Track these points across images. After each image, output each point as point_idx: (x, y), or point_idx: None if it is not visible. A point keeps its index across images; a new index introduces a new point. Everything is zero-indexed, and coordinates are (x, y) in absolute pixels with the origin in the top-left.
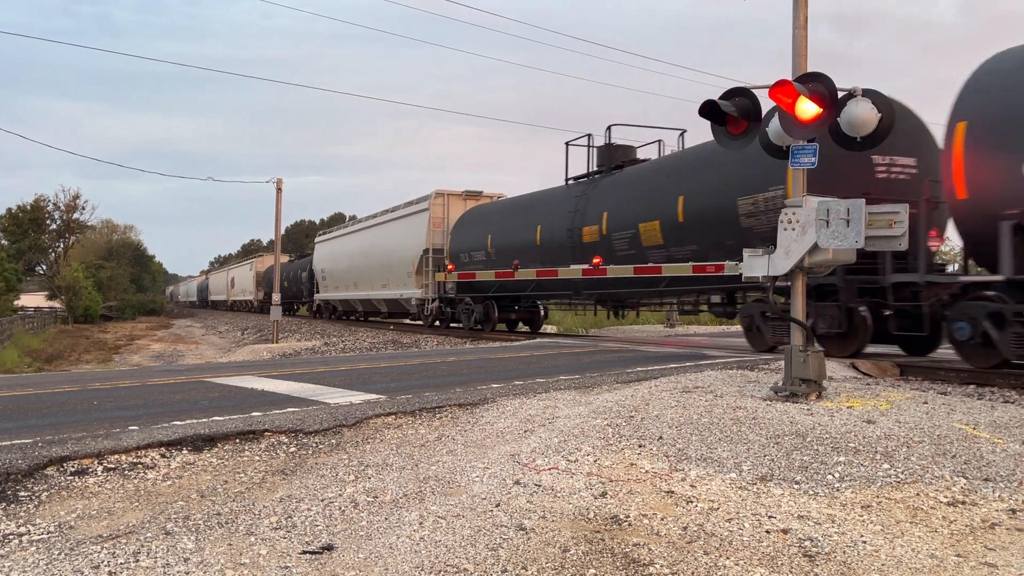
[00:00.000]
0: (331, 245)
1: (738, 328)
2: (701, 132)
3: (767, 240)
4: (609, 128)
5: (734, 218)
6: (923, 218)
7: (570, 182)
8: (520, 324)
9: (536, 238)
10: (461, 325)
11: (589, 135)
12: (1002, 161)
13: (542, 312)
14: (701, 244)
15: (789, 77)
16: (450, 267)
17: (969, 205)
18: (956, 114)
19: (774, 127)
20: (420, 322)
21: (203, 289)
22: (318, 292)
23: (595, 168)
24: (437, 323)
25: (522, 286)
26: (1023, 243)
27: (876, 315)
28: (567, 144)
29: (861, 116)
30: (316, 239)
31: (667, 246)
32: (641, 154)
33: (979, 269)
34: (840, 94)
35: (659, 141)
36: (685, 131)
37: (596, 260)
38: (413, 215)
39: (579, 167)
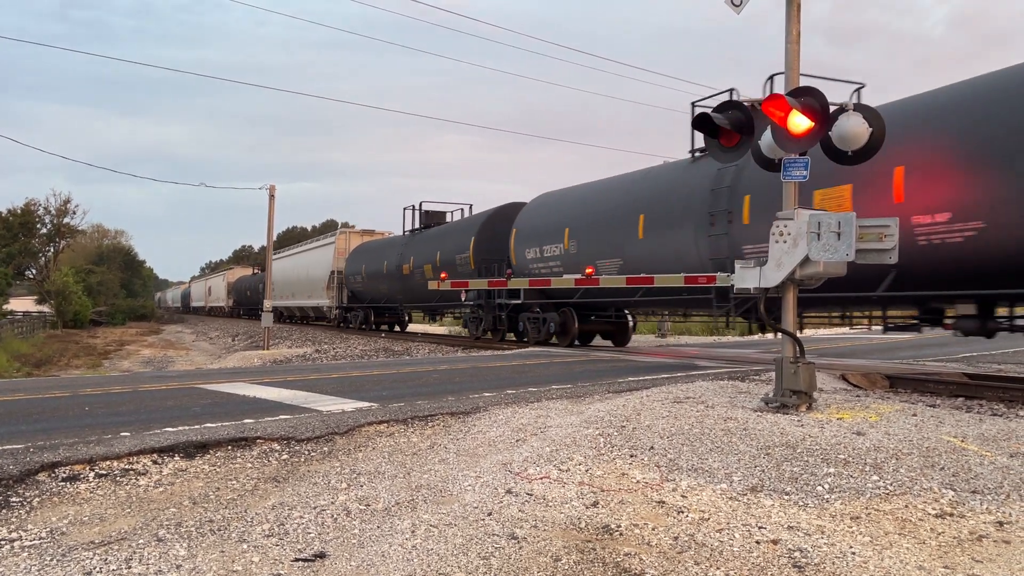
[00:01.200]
0: (278, 263)
1: (728, 339)
2: (484, 204)
3: (471, 276)
4: (421, 204)
5: (456, 265)
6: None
7: (405, 233)
8: (395, 326)
9: (384, 269)
10: (352, 326)
11: (414, 205)
12: (524, 250)
13: (407, 318)
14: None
15: (782, 91)
16: (443, 275)
17: (516, 268)
18: (515, 223)
19: (766, 140)
20: (330, 323)
21: (186, 296)
22: (267, 298)
23: (418, 226)
24: (340, 324)
25: (380, 298)
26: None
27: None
28: (404, 209)
29: (852, 130)
30: (274, 257)
31: (434, 277)
32: (458, 215)
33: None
34: (832, 108)
35: (462, 208)
36: (472, 204)
37: (405, 268)
38: (326, 245)
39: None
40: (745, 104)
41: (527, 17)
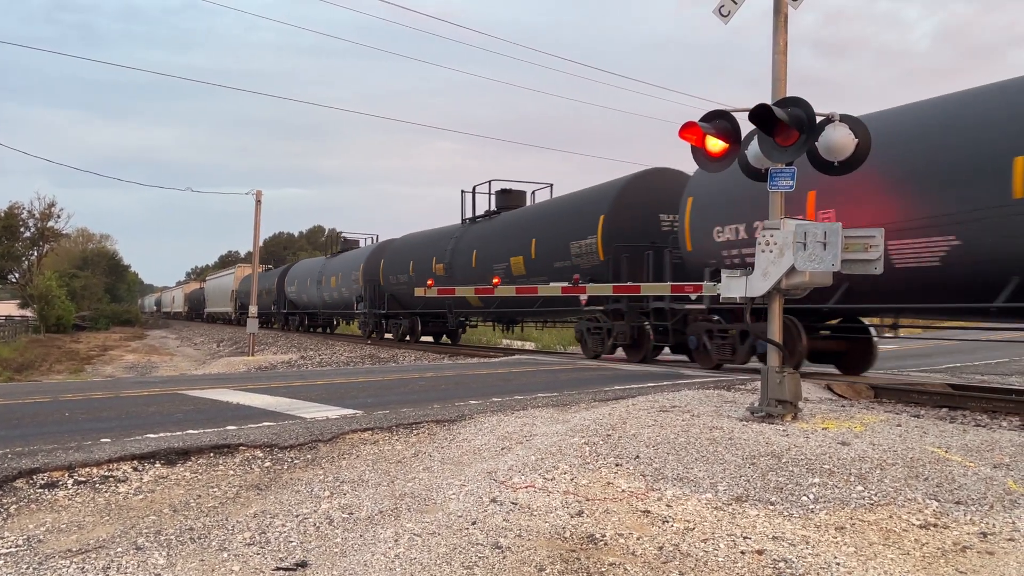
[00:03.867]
0: (210, 282)
1: None
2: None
3: (278, 303)
4: (287, 269)
5: (270, 293)
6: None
7: (267, 268)
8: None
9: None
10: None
11: (273, 267)
12: (289, 287)
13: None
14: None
15: (769, 101)
16: (429, 282)
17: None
18: (287, 275)
19: (753, 150)
20: (230, 322)
21: (159, 302)
22: (205, 308)
23: (271, 266)
24: (236, 322)
25: (264, 305)
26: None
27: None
28: (275, 266)
29: (839, 141)
30: (207, 277)
31: (268, 300)
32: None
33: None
34: (818, 119)
35: (303, 258)
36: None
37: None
38: (230, 274)
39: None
40: (732, 114)
41: (517, 25)
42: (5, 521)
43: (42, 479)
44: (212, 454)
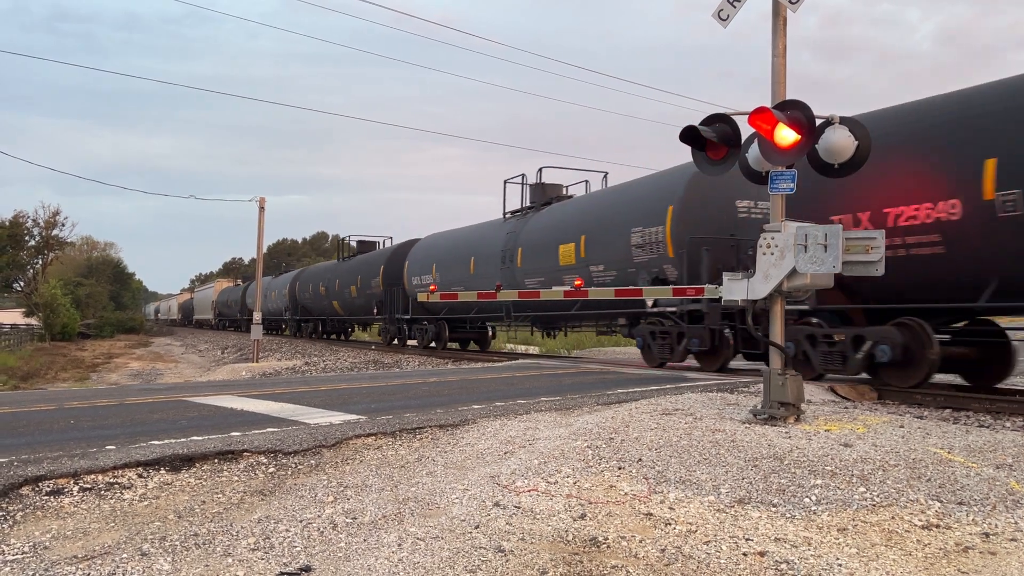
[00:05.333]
0: (198, 294)
1: None
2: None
3: (243, 312)
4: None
5: (233, 303)
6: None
7: (237, 285)
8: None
9: (225, 301)
10: (221, 328)
11: (238, 281)
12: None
13: (241, 327)
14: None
15: (768, 104)
16: (432, 288)
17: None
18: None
19: (753, 153)
20: (214, 328)
21: (158, 310)
22: (194, 315)
23: (240, 282)
24: (217, 327)
25: (229, 315)
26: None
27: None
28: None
29: (839, 143)
30: (195, 290)
31: (234, 311)
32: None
33: None
34: (818, 121)
35: (265, 275)
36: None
37: (228, 303)
38: (211, 287)
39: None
40: (732, 117)
41: (518, 30)
42: (11, 528)
43: (48, 486)
44: (217, 460)
